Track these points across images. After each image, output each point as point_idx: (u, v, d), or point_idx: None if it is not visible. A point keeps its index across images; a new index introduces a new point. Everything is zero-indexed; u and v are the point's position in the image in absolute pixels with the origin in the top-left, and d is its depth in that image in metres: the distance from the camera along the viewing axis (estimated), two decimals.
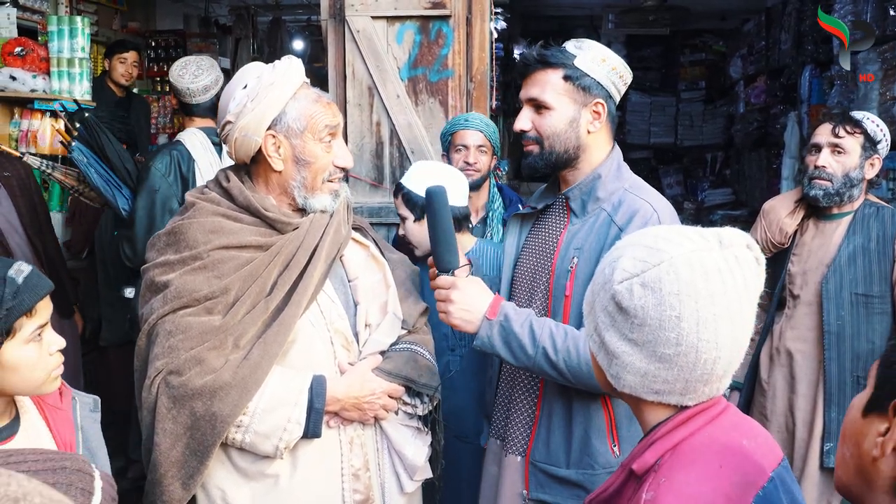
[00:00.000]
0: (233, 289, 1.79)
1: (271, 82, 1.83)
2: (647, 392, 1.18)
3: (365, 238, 2.09)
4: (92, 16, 6.10)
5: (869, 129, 2.82)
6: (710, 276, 1.11)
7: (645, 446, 1.20)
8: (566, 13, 8.93)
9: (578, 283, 1.91)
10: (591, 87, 1.94)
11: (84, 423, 1.70)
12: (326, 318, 1.89)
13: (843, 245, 2.83)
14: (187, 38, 8.03)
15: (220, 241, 1.82)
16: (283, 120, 1.84)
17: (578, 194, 1.99)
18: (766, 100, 7.94)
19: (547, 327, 1.82)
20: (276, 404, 1.76)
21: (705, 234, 1.17)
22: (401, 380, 1.93)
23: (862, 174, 2.81)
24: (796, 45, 6.85)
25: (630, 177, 2.02)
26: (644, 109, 10.18)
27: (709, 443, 1.16)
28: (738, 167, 9.35)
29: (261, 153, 1.86)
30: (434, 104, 3.60)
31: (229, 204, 1.89)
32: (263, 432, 1.76)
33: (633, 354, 1.16)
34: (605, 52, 1.96)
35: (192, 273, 1.80)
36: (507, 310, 1.83)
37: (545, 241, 2.05)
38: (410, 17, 3.56)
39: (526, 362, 1.82)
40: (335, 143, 1.92)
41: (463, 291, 1.82)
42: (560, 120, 1.95)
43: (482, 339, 1.83)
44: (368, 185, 3.62)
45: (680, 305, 1.11)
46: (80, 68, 4.44)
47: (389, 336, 1.99)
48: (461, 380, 2.54)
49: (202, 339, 1.74)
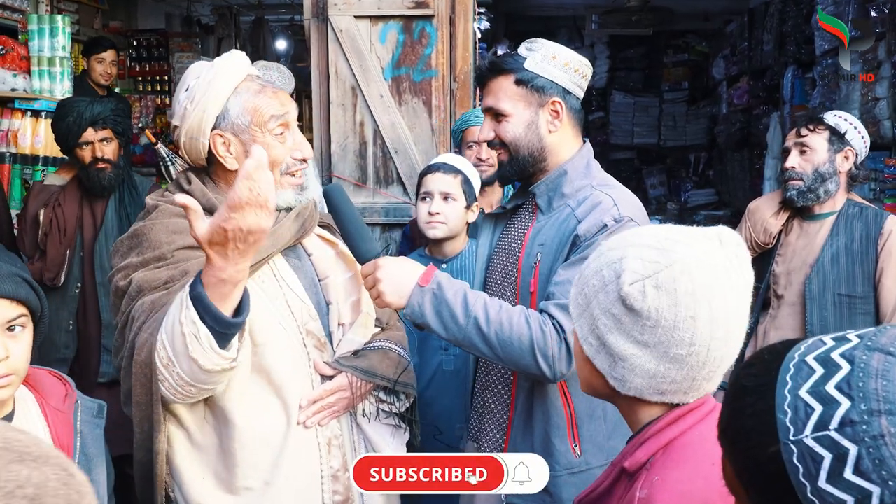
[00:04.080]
0: (190, 270, 1.72)
1: (209, 80, 1.77)
2: (652, 393, 1.18)
3: (333, 236, 2.05)
4: (73, 15, 6.04)
5: (832, 123, 2.86)
6: (720, 275, 1.12)
7: (636, 445, 1.20)
8: (550, 14, 8.96)
9: (542, 280, 1.89)
10: (545, 87, 1.93)
11: (84, 427, 1.66)
12: (298, 320, 1.86)
13: (826, 245, 2.85)
14: (169, 38, 7.97)
15: (185, 241, 1.76)
16: (227, 117, 1.78)
17: (545, 190, 1.98)
18: (749, 100, 7.99)
19: (481, 298, 1.78)
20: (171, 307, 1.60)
21: (706, 234, 1.17)
22: (378, 378, 1.91)
23: (834, 167, 2.84)
24: (779, 46, 6.90)
25: (599, 174, 2.00)
26: (627, 110, 10.22)
27: (700, 441, 1.15)
28: (721, 168, 9.41)
29: (212, 154, 1.81)
30: (418, 104, 3.59)
31: None
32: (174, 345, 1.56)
33: (643, 356, 1.15)
34: (556, 50, 1.95)
35: (153, 271, 1.75)
36: (441, 278, 1.78)
37: (513, 239, 2.05)
38: (394, 16, 3.54)
39: (457, 334, 1.76)
40: (289, 133, 1.84)
41: (387, 269, 1.76)
42: (517, 125, 1.94)
43: (412, 307, 1.76)
44: (352, 185, 3.60)
45: (695, 305, 1.11)
46: (60, 67, 4.40)
47: (363, 335, 1.96)
48: (454, 380, 2.52)
49: (151, 310, 1.68)
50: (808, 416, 0.81)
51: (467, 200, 2.69)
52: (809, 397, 0.81)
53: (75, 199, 3.34)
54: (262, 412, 1.79)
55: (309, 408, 1.83)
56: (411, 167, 3.57)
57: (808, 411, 0.81)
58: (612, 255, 1.19)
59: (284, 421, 1.81)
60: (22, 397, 1.63)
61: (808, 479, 0.80)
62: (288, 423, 1.81)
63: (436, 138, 3.60)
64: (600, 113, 10.19)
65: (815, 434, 0.80)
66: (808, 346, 0.87)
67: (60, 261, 3.29)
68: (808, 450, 0.80)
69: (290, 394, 1.81)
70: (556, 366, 1.74)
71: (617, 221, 1.82)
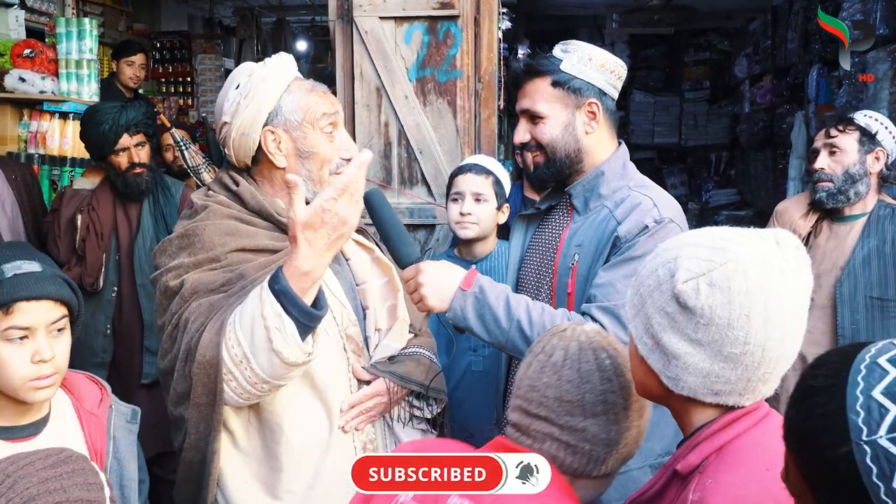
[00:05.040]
0: (247, 274, 1.74)
1: (263, 78, 1.80)
2: (706, 393, 1.17)
3: (368, 241, 2.06)
4: (98, 17, 6.10)
5: (862, 123, 2.83)
6: (775, 276, 1.13)
7: (689, 448, 1.20)
8: (570, 13, 8.93)
9: (580, 281, 1.89)
10: (582, 89, 1.93)
11: (117, 433, 1.67)
12: (339, 325, 1.87)
13: (857, 247, 2.82)
14: (192, 40, 8.05)
15: (238, 243, 1.78)
16: (280, 113, 1.80)
17: (581, 191, 1.98)
18: (772, 99, 7.92)
19: (524, 301, 1.79)
20: (246, 303, 1.61)
21: (763, 235, 1.18)
22: (413, 384, 1.91)
23: (864, 168, 2.81)
24: (803, 45, 6.83)
25: (636, 175, 2.00)
26: (648, 109, 10.17)
27: (754, 445, 1.15)
28: (744, 167, 9.34)
29: (261, 152, 1.82)
30: (442, 105, 3.59)
31: (240, 208, 1.85)
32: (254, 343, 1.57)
33: (696, 355, 1.15)
34: (592, 51, 1.95)
35: (208, 272, 1.75)
36: (483, 282, 1.79)
37: (548, 240, 2.04)
38: (419, 17, 3.54)
39: (499, 336, 1.77)
40: (337, 133, 1.87)
41: (429, 273, 1.77)
42: (555, 127, 1.94)
43: (454, 311, 1.77)
44: (377, 186, 3.61)
45: (749, 304, 1.11)
46: (88, 70, 4.43)
47: (399, 341, 1.97)
48: (483, 381, 2.52)
49: (210, 311, 1.69)
50: (882, 417, 0.81)
51: (498, 201, 2.70)
52: (884, 398, 0.82)
53: (108, 202, 3.36)
54: (306, 417, 1.80)
55: (348, 412, 1.83)
56: (436, 168, 3.57)
57: (883, 412, 0.81)
58: (667, 254, 1.19)
59: (327, 426, 1.82)
60: (57, 400, 1.65)
61: (881, 480, 0.80)
62: (330, 427, 1.82)
63: (460, 139, 3.60)
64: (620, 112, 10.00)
65: (891, 435, 0.80)
66: (880, 348, 0.87)
67: (99, 265, 3.30)
68: (883, 450, 0.80)
69: (332, 398, 1.82)
70: None
71: (657, 223, 1.82)
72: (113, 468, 1.64)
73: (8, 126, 4.29)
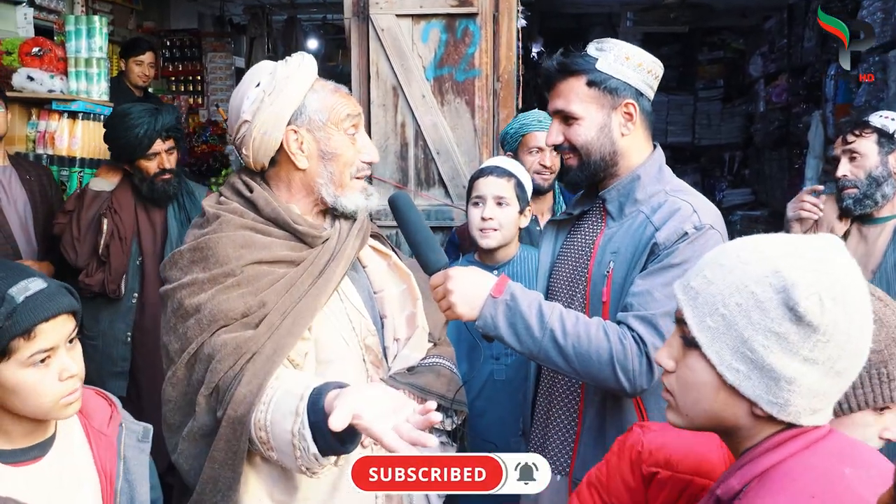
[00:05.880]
0: (268, 302, 1.69)
1: (287, 76, 1.74)
2: (807, 414, 1.09)
3: (384, 247, 1.99)
4: (108, 15, 6.05)
5: (878, 124, 2.78)
6: (861, 283, 1.10)
7: (732, 471, 1.13)
8: (584, 11, 8.86)
9: (615, 289, 1.82)
10: (619, 89, 1.85)
11: (128, 452, 1.59)
12: (358, 335, 1.80)
13: (888, 251, 2.75)
14: (202, 38, 8.01)
15: (253, 255, 1.70)
16: (304, 112, 1.74)
17: (616, 196, 1.90)
18: (788, 98, 7.84)
19: (557, 309, 1.72)
20: (284, 395, 1.59)
21: (828, 240, 1.14)
22: (432, 396, 1.84)
23: (888, 170, 2.76)
24: (821, 43, 6.74)
25: (673, 180, 1.93)
26: (661, 108, 10.06)
27: (802, 470, 1.07)
28: (758, 167, 9.25)
29: (280, 153, 1.75)
30: (460, 104, 3.52)
31: (254, 216, 1.77)
32: (279, 424, 1.56)
33: (810, 374, 1.07)
34: (629, 50, 1.87)
35: (225, 291, 1.67)
36: (515, 289, 1.72)
37: (581, 246, 1.97)
38: (436, 15, 3.48)
39: (531, 346, 1.70)
40: (359, 136, 1.81)
41: (458, 279, 1.70)
42: (590, 128, 1.86)
43: (485, 319, 1.70)
44: (392, 187, 3.53)
45: (860, 316, 1.08)
46: (97, 68, 4.36)
47: (419, 351, 1.90)
48: (506, 390, 2.45)
49: (237, 353, 1.64)
50: None
51: (520, 205, 2.61)
52: None
53: (129, 205, 3.29)
54: None
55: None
56: (453, 169, 3.50)
57: None
58: (757, 269, 1.09)
59: None
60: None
61: None
62: None
63: (478, 139, 3.53)
64: None
65: None
66: None
67: (123, 270, 3.23)
68: None
69: None
70: (637, 380, 1.68)
71: (698, 229, 1.74)
72: (123, 490, 1.56)
73: (16, 126, 4.22)
